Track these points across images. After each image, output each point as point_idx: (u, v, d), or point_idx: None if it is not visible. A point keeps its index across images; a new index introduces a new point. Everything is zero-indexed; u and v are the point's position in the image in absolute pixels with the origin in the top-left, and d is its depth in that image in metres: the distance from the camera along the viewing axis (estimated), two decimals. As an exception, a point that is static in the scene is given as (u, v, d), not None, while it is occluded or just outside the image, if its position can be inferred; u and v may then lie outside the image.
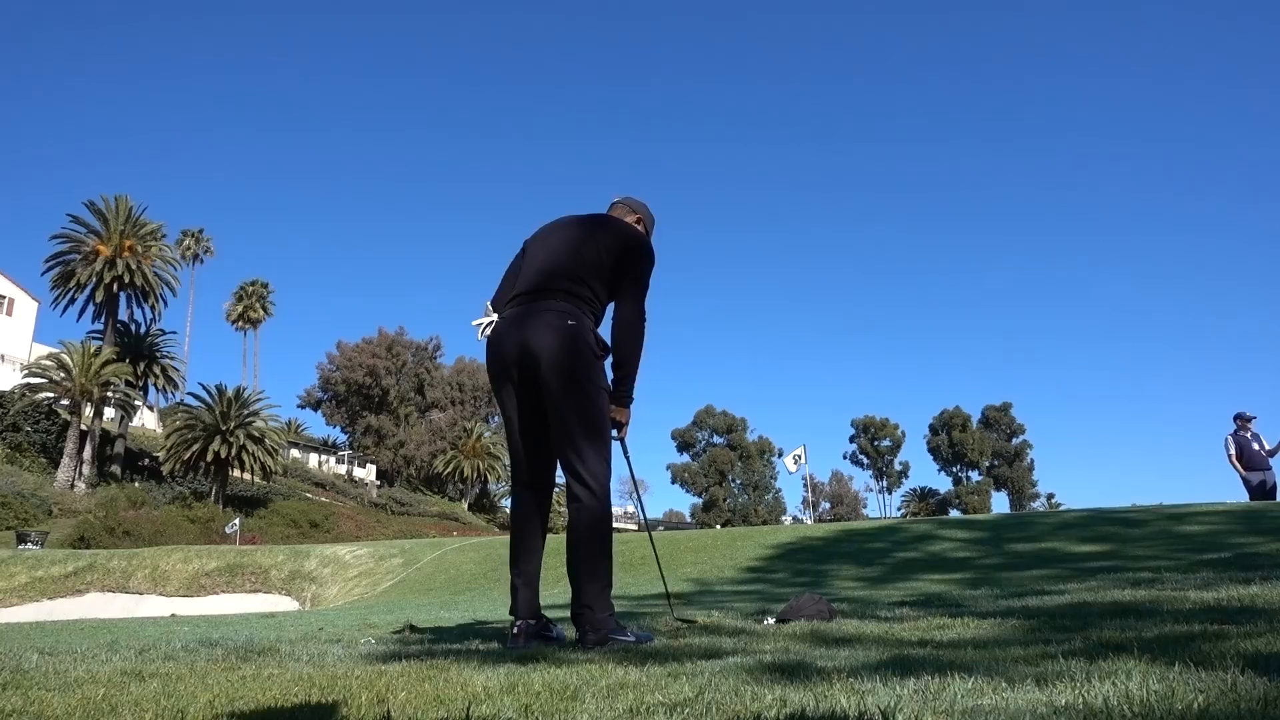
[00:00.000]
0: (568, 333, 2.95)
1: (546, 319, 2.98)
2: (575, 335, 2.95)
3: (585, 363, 2.94)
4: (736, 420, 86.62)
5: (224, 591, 16.99)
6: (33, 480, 37.92)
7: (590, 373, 2.95)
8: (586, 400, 2.92)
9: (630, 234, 3.23)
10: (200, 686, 2.13)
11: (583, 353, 2.94)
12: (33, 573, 18.12)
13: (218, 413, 41.73)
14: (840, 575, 8.03)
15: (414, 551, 16.08)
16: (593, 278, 3.07)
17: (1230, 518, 8.92)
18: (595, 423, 2.94)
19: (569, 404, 2.90)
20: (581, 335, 2.97)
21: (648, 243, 3.27)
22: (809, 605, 3.41)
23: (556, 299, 3.03)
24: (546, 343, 2.93)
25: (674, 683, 1.90)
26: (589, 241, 3.13)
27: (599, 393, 2.97)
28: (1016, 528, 10.38)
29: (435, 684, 2.04)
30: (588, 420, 2.92)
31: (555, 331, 2.95)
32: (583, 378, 2.92)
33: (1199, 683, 1.51)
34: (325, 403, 68.83)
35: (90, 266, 42.59)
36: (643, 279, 3.15)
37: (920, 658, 2.09)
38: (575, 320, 2.98)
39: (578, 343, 2.94)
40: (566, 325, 2.96)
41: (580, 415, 2.91)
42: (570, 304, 3.02)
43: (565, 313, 2.99)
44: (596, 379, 2.98)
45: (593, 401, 2.94)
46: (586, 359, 2.95)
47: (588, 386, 2.93)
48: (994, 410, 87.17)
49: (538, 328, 2.97)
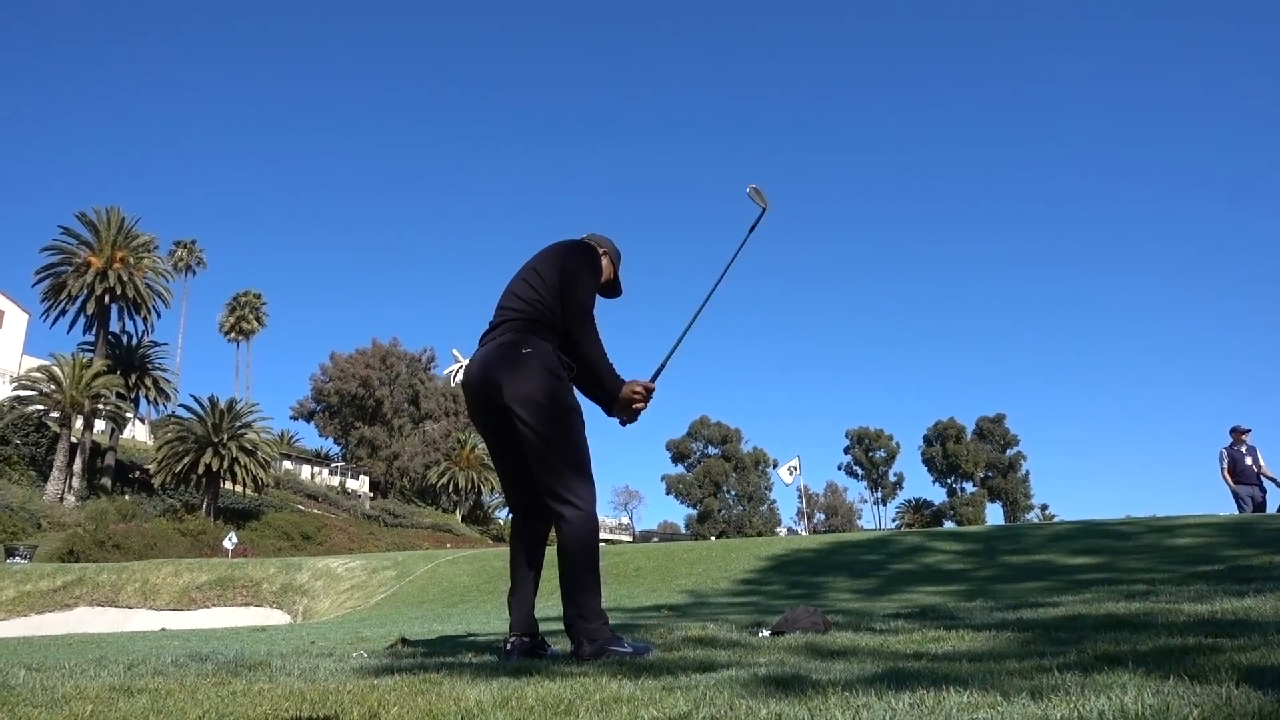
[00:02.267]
0: (522, 362, 2.98)
1: (502, 352, 3.03)
2: (530, 363, 2.98)
3: (546, 387, 2.96)
4: (731, 431, 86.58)
5: (215, 605, 16.88)
6: (21, 493, 37.63)
7: (554, 396, 2.97)
8: (556, 425, 2.94)
9: (568, 244, 3.28)
10: (190, 702, 2.11)
11: (542, 378, 2.96)
12: (21, 587, 17.98)
13: (209, 425, 41.56)
14: (835, 587, 8.02)
15: (407, 564, 16.01)
16: (547, 297, 3.11)
17: (1221, 530, 8.95)
18: (568, 445, 2.96)
19: (539, 432, 2.93)
20: (538, 361, 2.99)
21: (581, 244, 3.30)
22: (804, 617, 3.40)
23: (512, 330, 3.08)
24: (506, 375, 2.97)
25: (668, 696, 1.89)
26: (537, 267, 3.20)
27: (567, 412, 2.99)
28: (1009, 540, 10.40)
29: (428, 698, 2.03)
30: (560, 444, 2.94)
31: (511, 364, 2.99)
32: (547, 403, 2.94)
33: (1194, 696, 1.51)
34: (318, 414, 68.59)
35: (81, 278, 42.46)
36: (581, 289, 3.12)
37: (915, 671, 2.09)
38: (530, 347, 3.01)
39: (535, 370, 2.97)
40: (521, 355, 2.99)
41: (552, 441, 2.93)
42: (525, 330, 3.06)
43: (518, 343, 3.02)
44: (562, 400, 2.99)
45: (563, 424, 2.96)
46: (547, 384, 2.96)
47: (554, 410, 2.95)
48: (988, 422, 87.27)
49: (496, 363, 3.02)
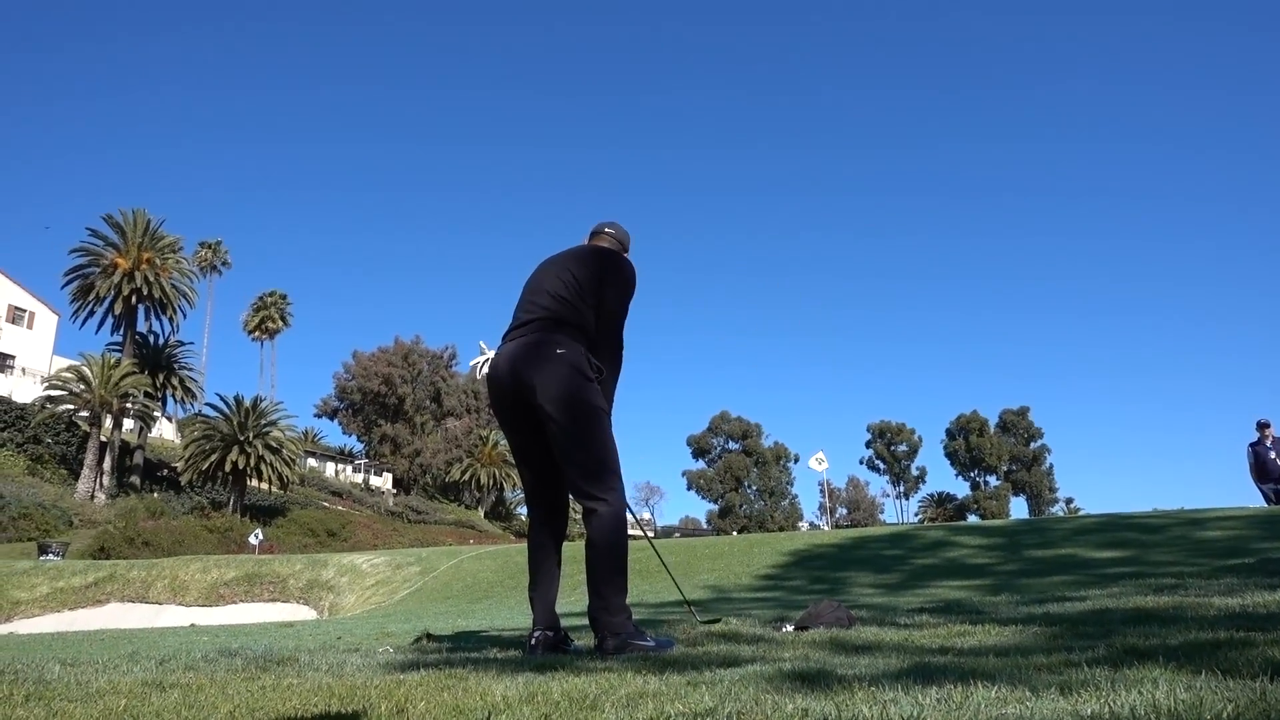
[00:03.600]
0: (557, 361, 2.99)
1: (534, 351, 3.04)
2: (566, 363, 2.99)
3: (579, 388, 2.98)
4: (752, 426, 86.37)
5: (242, 601, 17.04)
6: (53, 491, 38.29)
7: (584, 395, 2.99)
8: (587, 425, 2.96)
9: (609, 258, 3.30)
10: (221, 697, 2.14)
11: (575, 379, 2.99)
12: (54, 583, 18.27)
13: (235, 423, 42.01)
14: (858, 582, 7.98)
15: (431, 560, 16.10)
16: (578, 302, 3.13)
17: (1251, 523, 8.81)
18: (598, 442, 2.98)
19: (569, 432, 2.95)
20: (572, 360, 3.01)
21: (626, 266, 3.32)
22: (828, 612, 3.39)
23: (544, 328, 3.09)
24: (539, 374, 2.99)
25: (694, 691, 1.88)
26: (571, 269, 3.21)
27: (596, 412, 3.01)
28: (1033, 533, 10.29)
29: (454, 693, 2.04)
30: (590, 444, 2.96)
31: (546, 361, 3.00)
32: (578, 404, 2.96)
33: (1227, 691, 1.49)
34: (341, 412, 69.13)
35: (109, 279, 43.07)
36: (619, 305, 3.22)
37: (942, 665, 2.07)
38: (564, 348, 3.03)
39: (569, 370, 2.99)
40: (555, 354, 3.01)
41: (582, 441, 2.95)
42: (558, 331, 3.08)
43: (553, 341, 3.04)
44: (592, 400, 3.01)
45: (593, 424, 2.98)
46: (579, 384, 2.99)
47: (585, 411, 2.97)
48: (1011, 414, 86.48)
49: (529, 360, 3.03)
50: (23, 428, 41.03)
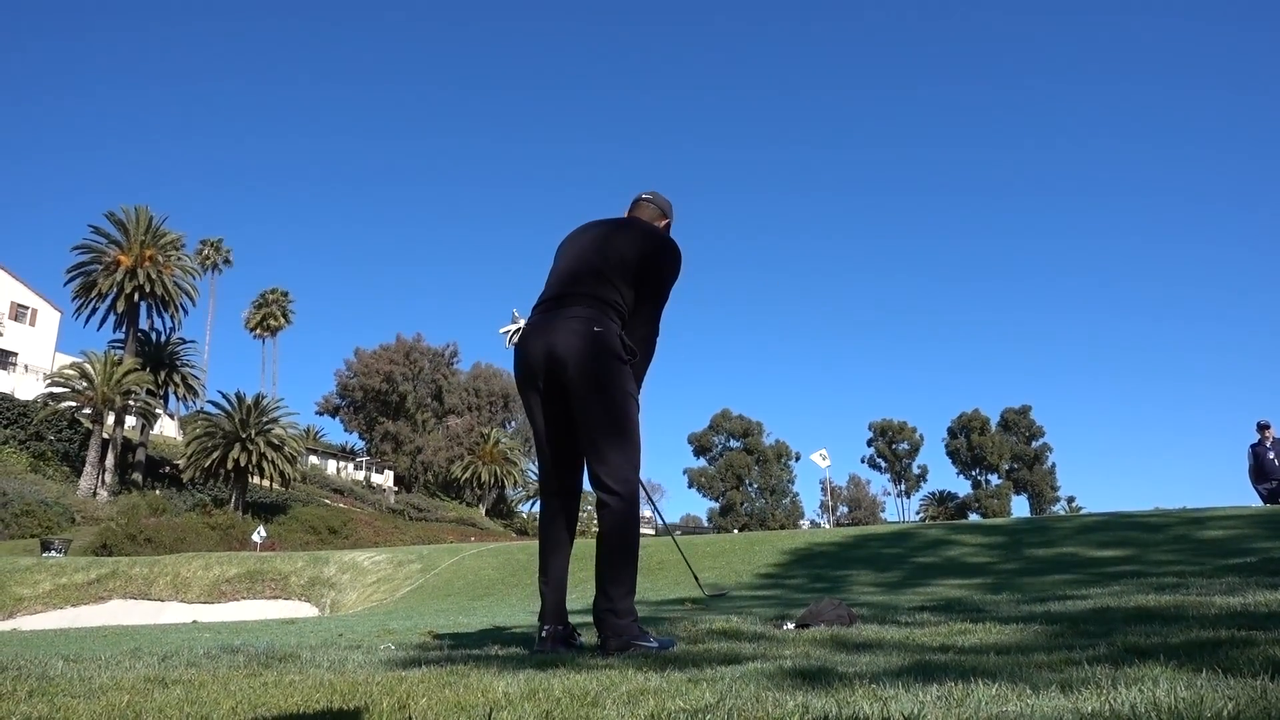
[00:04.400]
0: (593, 338, 2.91)
1: (572, 325, 2.94)
2: (600, 340, 2.92)
3: (612, 368, 2.91)
4: (753, 424, 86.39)
5: (244, 598, 17.08)
6: (56, 488, 38.37)
7: (617, 377, 2.91)
8: (613, 405, 2.89)
9: (657, 239, 3.18)
10: (223, 693, 2.15)
11: (609, 358, 2.91)
12: (56, 580, 18.31)
13: (237, 420, 42.06)
14: (858, 580, 7.98)
15: (432, 557, 16.12)
16: (618, 280, 3.04)
17: (1253, 522, 8.81)
18: (623, 428, 2.90)
19: (595, 410, 2.88)
20: (607, 340, 2.93)
21: (674, 250, 3.21)
22: (829, 610, 3.39)
23: (581, 304, 2.99)
24: (572, 349, 2.90)
25: (695, 689, 1.89)
26: (614, 244, 3.11)
27: (626, 398, 2.94)
28: (1034, 532, 10.29)
29: (456, 690, 2.04)
30: (615, 425, 2.89)
31: (580, 337, 2.91)
32: (609, 383, 2.89)
33: (1228, 689, 1.49)
34: (343, 409, 69.23)
35: (111, 276, 43.10)
36: (663, 289, 3.13)
37: (942, 663, 2.08)
38: (601, 326, 2.94)
39: (603, 348, 2.91)
40: (592, 331, 2.92)
41: (607, 421, 2.88)
42: (595, 309, 2.98)
43: (590, 318, 2.95)
44: (624, 383, 2.94)
45: (620, 406, 2.91)
46: (613, 364, 2.91)
47: (615, 392, 2.90)
48: (1013, 413, 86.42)
49: (563, 334, 2.94)
50: (25, 425, 41.13)
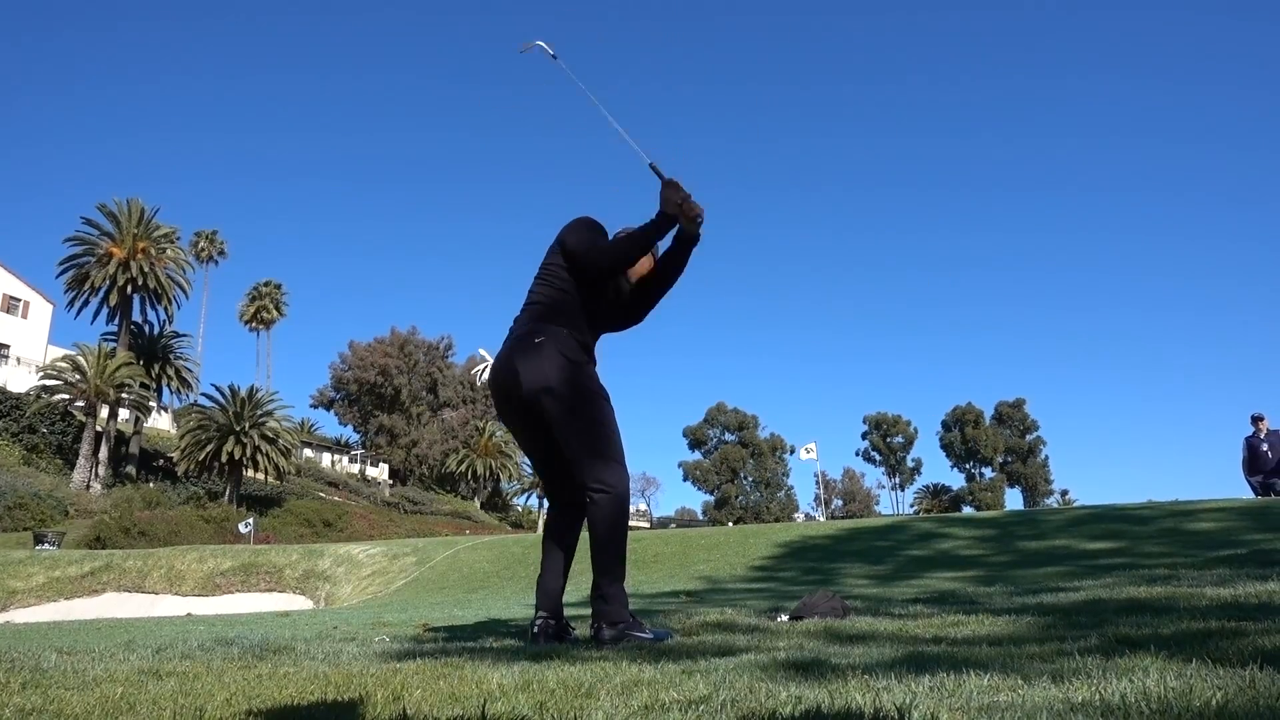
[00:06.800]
0: (536, 351, 2.96)
1: (516, 346, 3.03)
2: (544, 351, 2.96)
3: (563, 374, 2.94)
4: (748, 417, 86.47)
5: (239, 591, 17.09)
6: (49, 481, 38.25)
7: (572, 382, 2.95)
8: (578, 410, 2.93)
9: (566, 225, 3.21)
10: (217, 685, 2.15)
11: (558, 365, 2.94)
12: (50, 573, 18.27)
13: (231, 413, 41.95)
14: (851, 573, 8.01)
15: (427, 550, 16.14)
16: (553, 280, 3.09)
17: (1243, 514, 8.86)
18: (596, 435, 2.94)
19: (563, 422, 2.93)
20: (551, 348, 2.96)
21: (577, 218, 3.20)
22: (822, 602, 3.40)
23: (524, 321, 3.09)
24: (523, 369, 2.96)
25: (688, 680, 1.90)
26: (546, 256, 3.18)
27: (590, 397, 2.97)
28: (1026, 525, 10.35)
29: (450, 681, 2.05)
30: (586, 433, 2.93)
31: (525, 355, 2.97)
32: (565, 390, 2.93)
33: (1217, 680, 1.50)
34: (338, 402, 69.13)
35: (104, 269, 42.88)
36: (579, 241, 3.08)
37: (935, 655, 2.09)
38: (542, 335, 2.99)
39: (549, 358, 2.95)
40: (534, 344, 2.98)
41: (577, 430, 2.92)
42: (536, 319, 3.04)
43: (531, 332, 3.02)
44: (581, 385, 2.97)
45: (585, 409, 2.94)
46: (563, 370, 2.94)
47: (574, 396, 2.93)
48: (1007, 406, 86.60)
49: (514, 357, 3.01)
50: (18, 417, 40.95)
